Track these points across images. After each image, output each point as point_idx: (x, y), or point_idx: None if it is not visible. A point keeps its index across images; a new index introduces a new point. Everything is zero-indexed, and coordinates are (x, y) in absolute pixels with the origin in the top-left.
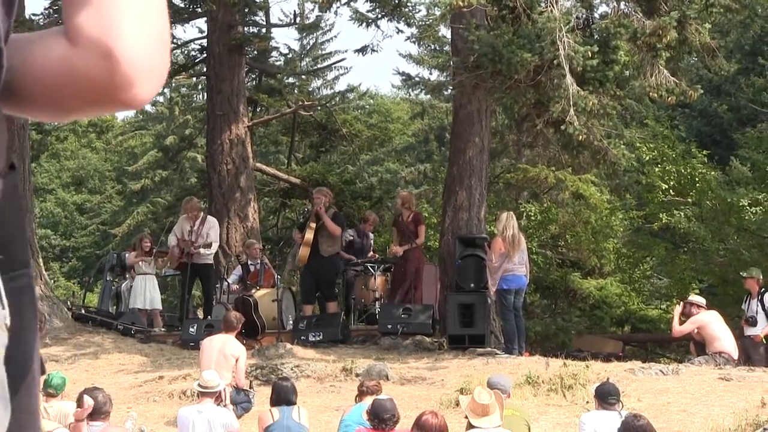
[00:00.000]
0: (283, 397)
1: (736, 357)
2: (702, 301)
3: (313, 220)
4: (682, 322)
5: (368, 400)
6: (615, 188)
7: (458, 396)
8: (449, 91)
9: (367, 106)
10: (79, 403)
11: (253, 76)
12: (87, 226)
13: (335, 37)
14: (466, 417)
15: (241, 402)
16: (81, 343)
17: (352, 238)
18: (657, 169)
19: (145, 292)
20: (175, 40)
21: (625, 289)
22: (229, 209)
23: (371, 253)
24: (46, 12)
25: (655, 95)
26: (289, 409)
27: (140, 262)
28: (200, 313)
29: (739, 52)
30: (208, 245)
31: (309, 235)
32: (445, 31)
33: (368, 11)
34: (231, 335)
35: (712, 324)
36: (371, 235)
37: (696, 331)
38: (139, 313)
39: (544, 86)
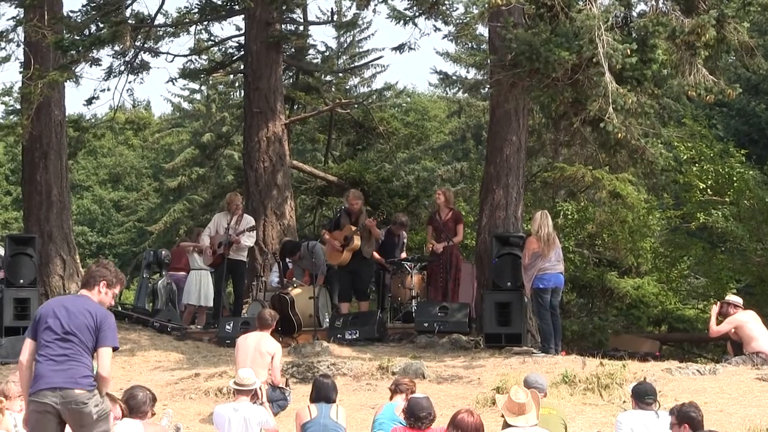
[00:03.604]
0: (323, 394)
1: None
2: (739, 300)
3: (348, 223)
4: (719, 322)
5: (399, 399)
6: (652, 187)
7: (495, 395)
8: (486, 89)
9: (404, 104)
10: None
11: (291, 73)
12: (123, 224)
13: (372, 35)
14: (503, 416)
15: (277, 399)
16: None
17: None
18: (694, 169)
19: (200, 287)
20: (212, 38)
21: (662, 289)
22: (265, 207)
23: (403, 254)
24: (84, 9)
25: (694, 94)
26: (327, 407)
27: (195, 255)
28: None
29: None
30: (252, 228)
31: (357, 242)
32: (482, 30)
33: (405, 9)
34: (266, 332)
35: (750, 324)
36: (403, 236)
37: (733, 331)
38: (188, 308)
39: (581, 85)
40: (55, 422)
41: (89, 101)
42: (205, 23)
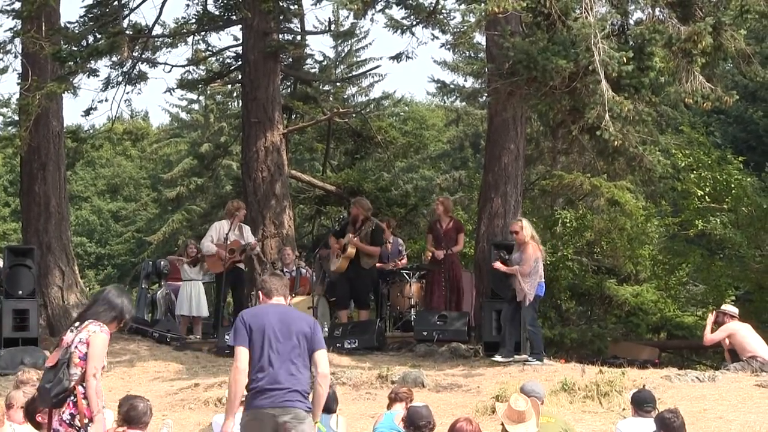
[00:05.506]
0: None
1: None
2: (735, 310)
3: (352, 232)
4: (714, 331)
5: (398, 407)
6: (650, 195)
7: (494, 403)
8: (484, 98)
9: (402, 113)
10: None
11: (288, 83)
12: (122, 234)
13: (370, 44)
14: (502, 424)
15: None
16: (116, 350)
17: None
18: (692, 176)
19: (192, 298)
20: (210, 48)
21: (660, 296)
22: (264, 217)
23: (403, 260)
24: (82, 20)
25: (691, 101)
26: (327, 417)
27: (186, 266)
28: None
29: None
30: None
31: (352, 250)
32: (480, 38)
33: (403, 18)
34: None
35: (742, 331)
36: (399, 243)
37: (728, 341)
38: (183, 319)
39: (579, 92)
40: None
41: (87, 112)
42: (203, 33)
